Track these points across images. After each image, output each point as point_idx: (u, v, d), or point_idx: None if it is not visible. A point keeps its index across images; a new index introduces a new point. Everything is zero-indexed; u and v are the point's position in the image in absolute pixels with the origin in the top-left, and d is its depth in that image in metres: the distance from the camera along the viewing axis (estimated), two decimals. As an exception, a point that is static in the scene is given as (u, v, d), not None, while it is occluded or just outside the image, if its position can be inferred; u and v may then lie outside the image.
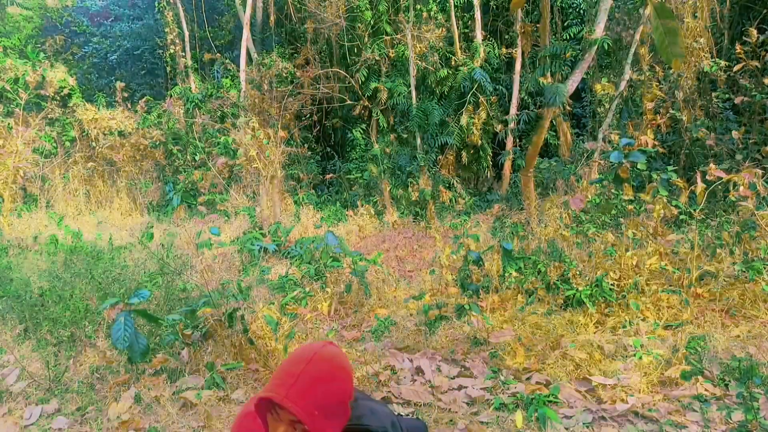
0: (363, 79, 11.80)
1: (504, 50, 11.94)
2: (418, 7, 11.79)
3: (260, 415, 1.55)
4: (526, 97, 11.55)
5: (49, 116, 11.26)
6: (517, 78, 11.31)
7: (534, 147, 8.16)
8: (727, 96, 8.10)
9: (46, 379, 3.58)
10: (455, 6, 11.97)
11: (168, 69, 14.30)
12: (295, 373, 1.48)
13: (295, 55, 12.67)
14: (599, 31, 7.95)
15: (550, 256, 5.05)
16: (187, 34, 14.12)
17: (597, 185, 6.63)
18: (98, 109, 11.95)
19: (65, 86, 11.49)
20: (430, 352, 3.98)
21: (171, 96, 12.69)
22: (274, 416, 1.50)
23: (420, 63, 11.26)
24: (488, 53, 11.72)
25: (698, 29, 8.57)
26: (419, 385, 3.51)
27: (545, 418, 2.92)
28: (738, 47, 7.63)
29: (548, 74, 8.85)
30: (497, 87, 11.67)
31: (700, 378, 3.32)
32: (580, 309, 4.43)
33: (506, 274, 4.87)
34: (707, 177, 5.10)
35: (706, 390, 3.23)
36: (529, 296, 4.73)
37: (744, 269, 4.63)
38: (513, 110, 11.26)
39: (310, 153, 11.81)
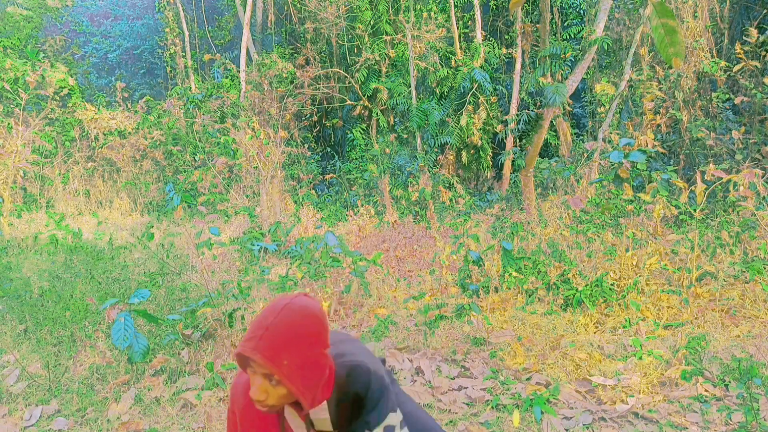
0: (363, 79, 11.79)
1: (504, 50, 11.94)
2: (418, 7, 11.79)
3: (244, 372, 1.56)
4: (526, 97, 11.55)
5: (49, 116, 11.26)
6: (517, 78, 11.31)
7: (534, 147, 8.17)
8: (727, 96, 8.10)
9: (46, 380, 3.58)
10: (455, 6, 11.97)
11: (168, 69, 14.31)
12: (264, 325, 1.47)
13: (295, 55, 12.67)
14: (599, 31, 7.95)
15: (550, 256, 5.04)
16: (187, 34, 14.12)
17: (597, 185, 6.64)
18: (98, 109, 11.95)
19: (65, 86, 11.49)
20: (430, 352, 3.98)
21: (171, 96, 12.69)
22: (250, 371, 1.50)
23: (420, 63, 11.26)
24: (488, 53, 11.72)
25: (698, 29, 8.57)
26: (419, 386, 3.51)
27: (541, 413, 2.91)
28: (738, 47, 7.63)
29: (548, 74, 8.85)
30: (497, 87, 11.67)
31: (700, 378, 3.31)
32: (580, 309, 4.43)
33: (506, 274, 4.86)
34: (707, 177, 5.10)
35: (706, 390, 3.23)
36: (529, 296, 4.73)
37: (744, 269, 4.63)
38: (513, 110, 11.26)
39: (310, 153, 11.81)
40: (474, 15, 11.89)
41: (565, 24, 12.64)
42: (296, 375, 1.49)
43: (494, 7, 13.12)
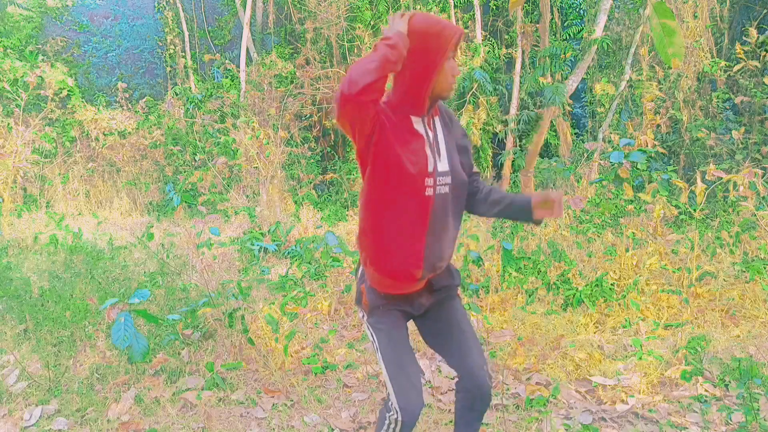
0: (363, 79, 11.77)
1: (504, 50, 11.94)
2: (418, 7, 11.78)
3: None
4: (526, 97, 11.54)
5: (48, 117, 11.25)
6: (517, 78, 11.30)
7: (534, 147, 8.17)
8: (727, 96, 8.10)
9: (46, 380, 3.58)
10: (455, 6, 11.97)
11: (168, 69, 14.31)
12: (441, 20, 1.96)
13: (295, 55, 12.66)
14: (599, 31, 7.95)
15: (550, 256, 5.04)
16: (186, 34, 14.13)
17: (597, 185, 6.63)
18: (98, 109, 11.95)
19: (64, 87, 11.48)
20: (430, 352, 3.98)
21: (171, 96, 12.69)
22: (447, 60, 1.93)
23: (420, 63, 11.23)
24: (488, 53, 11.71)
25: (698, 29, 8.57)
26: (419, 386, 3.50)
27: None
28: (738, 47, 7.63)
29: (548, 74, 8.85)
30: (497, 87, 11.66)
31: (700, 378, 3.32)
32: (580, 309, 4.43)
33: (506, 274, 4.86)
34: (707, 177, 5.10)
35: (706, 390, 3.23)
36: (529, 296, 4.73)
37: (744, 269, 4.63)
38: (513, 110, 11.25)
39: (310, 153, 11.80)
40: (474, 15, 11.88)
41: (565, 24, 12.63)
42: None
43: (494, 7, 13.11)
